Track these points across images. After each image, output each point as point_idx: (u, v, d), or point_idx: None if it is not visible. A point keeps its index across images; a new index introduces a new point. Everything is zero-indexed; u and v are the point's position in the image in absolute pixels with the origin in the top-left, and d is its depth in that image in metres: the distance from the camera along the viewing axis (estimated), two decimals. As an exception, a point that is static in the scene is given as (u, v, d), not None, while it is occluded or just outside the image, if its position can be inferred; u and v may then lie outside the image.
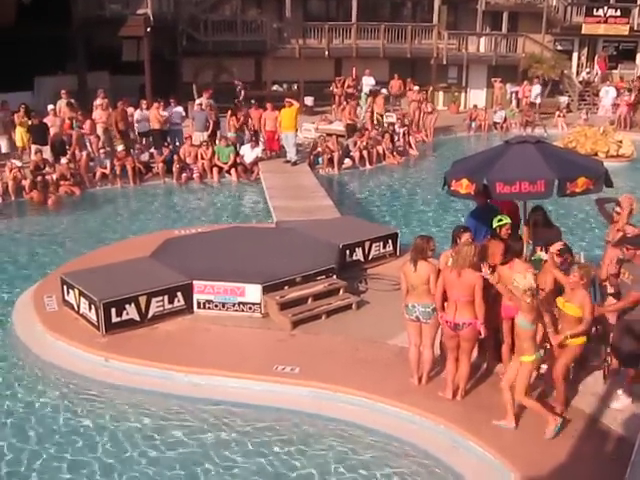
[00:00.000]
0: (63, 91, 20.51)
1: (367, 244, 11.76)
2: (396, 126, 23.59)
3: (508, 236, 8.13)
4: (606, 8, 34.16)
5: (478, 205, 9.22)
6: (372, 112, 24.43)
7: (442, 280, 7.54)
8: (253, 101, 22.19)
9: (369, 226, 13.25)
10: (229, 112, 21.04)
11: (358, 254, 11.68)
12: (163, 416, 8.12)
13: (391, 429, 7.69)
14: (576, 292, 7.26)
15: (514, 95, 30.69)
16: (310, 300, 10.08)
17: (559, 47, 34.65)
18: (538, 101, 29.56)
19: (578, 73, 35.21)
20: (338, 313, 10.05)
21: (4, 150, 18.66)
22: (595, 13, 34.07)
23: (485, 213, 9.05)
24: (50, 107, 19.68)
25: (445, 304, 7.60)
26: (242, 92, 22.21)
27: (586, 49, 35.93)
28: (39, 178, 16.90)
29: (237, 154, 19.38)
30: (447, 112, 30.35)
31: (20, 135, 18.75)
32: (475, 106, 28.76)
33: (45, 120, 18.83)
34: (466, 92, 32.55)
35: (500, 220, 8.24)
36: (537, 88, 29.85)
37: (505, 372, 7.54)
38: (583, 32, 34.33)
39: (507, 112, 28.25)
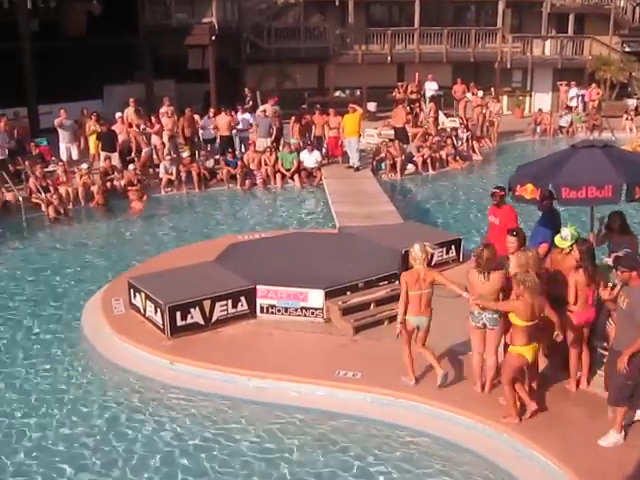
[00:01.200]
0: (131, 99, 20.97)
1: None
2: (459, 131, 23.39)
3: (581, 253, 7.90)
4: (677, 8, 33.23)
5: (544, 212, 9.10)
6: (435, 117, 24.27)
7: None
8: (318, 106, 22.29)
9: (432, 232, 13.17)
10: (292, 118, 21.21)
11: (421, 260, 11.59)
12: (225, 419, 8.23)
13: (453, 436, 7.65)
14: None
15: (580, 98, 30.06)
16: (372, 306, 10.09)
17: (627, 49, 33.75)
18: (574, 104, 28.95)
19: (648, 75, 34.28)
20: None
21: (75, 157, 19.14)
22: (666, 13, 33.16)
23: (553, 219, 8.94)
24: (118, 114, 20.13)
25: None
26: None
27: (656, 51, 34.95)
28: (107, 184, 17.34)
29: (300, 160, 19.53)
30: (511, 116, 29.94)
31: (93, 142, 19.20)
32: (540, 110, 28.27)
33: (113, 127, 19.27)
34: (531, 96, 32.02)
35: (565, 239, 8.01)
36: (573, 91, 29.27)
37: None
38: (653, 33, 33.44)
39: (573, 116, 27.72)
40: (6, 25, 22.76)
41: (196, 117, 21.08)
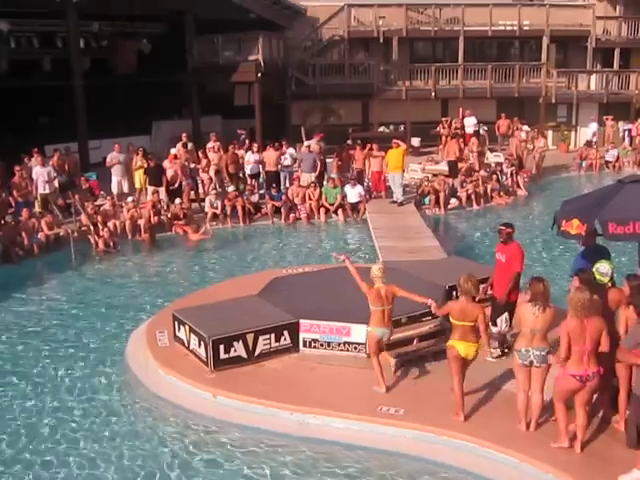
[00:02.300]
0: (184, 134, 21.37)
1: (474, 285, 11.59)
2: (504, 166, 23.29)
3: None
4: None
5: (587, 246, 8.99)
6: (479, 152, 24.20)
7: (567, 330, 7.27)
8: (358, 142, 22.46)
9: (476, 267, 13.04)
10: (335, 153, 21.39)
11: (465, 295, 11.51)
12: (268, 454, 8.20)
13: (497, 475, 7.52)
14: None
15: (627, 133, 29.77)
16: (415, 341, 10.02)
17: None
18: (594, 139, 28.67)
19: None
20: (444, 354, 9.92)
21: (126, 190, 19.53)
22: None
23: (595, 254, 8.81)
24: (173, 151, 20.46)
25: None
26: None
27: None
28: (155, 218, 17.63)
29: (343, 195, 19.62)
30: (557, 151, 29.72)
31: (138, 177, 19.59)
32: (586, 144, 28.04)
33: (164, 163, 19.60)
34: (576, 131, 31.76)
35: (606, 275, 7.92)
36: (593, 126, 29.02)
37: None
38: (702, 67, 32.98)
39: (620, 150, 27.41)
40: (59, 63, 23.59)
41: (240, 152, 21.36)
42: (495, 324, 9.75)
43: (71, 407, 9.37)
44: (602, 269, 7.90)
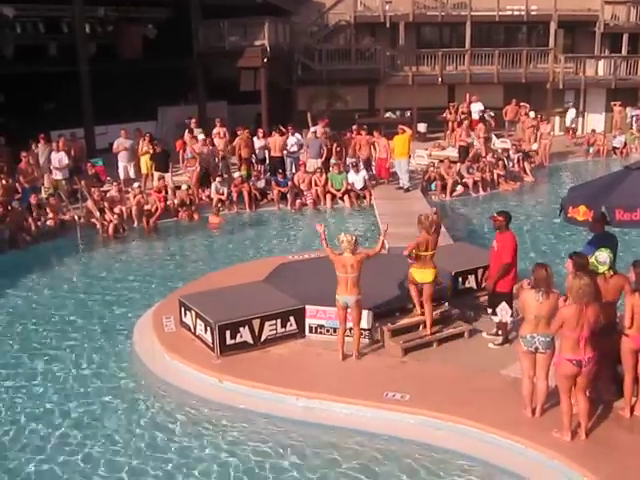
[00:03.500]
0: (193, 120, 21.30)
1: (480, 271, 11.59)
2: (511, 152, 23.21)
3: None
4: None
5: (596, 233, 8.96)
6: (486, 138, 24.10)
7: (562, 318, 7.28)
8: (364, 127, 22.37)
9: (482, 253, 13.00)
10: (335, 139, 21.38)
11: (471, 281, 11.53)
12: (274, 439, 8.23)
13: (502, 461, 7.54)
14: None
15: (635, 119, 29.59)
16: (421, 327, 10.04)
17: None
18: (573, 125, 28.67)
19: None
20: (450, 341, 9.96)
21: (132, 176, 19.53)
22: None
23: (604, 241, 8.78)
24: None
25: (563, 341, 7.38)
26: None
27: None
28: (161, 204, 17.63)
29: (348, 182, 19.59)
30: (564, 137, 29.60)
31: (145, 162, 19.60)
32: (593, 131, 27.92)
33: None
34: (584, 116, 31.59)
35: (604, 263, 7.91)
36: (572, 112, 28.89)
37: None
38: None
39: (627, 137, 27.27)
40: (65, 49, 23.54)
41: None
42: (495, 313, 9.71)
43: (76, 392, 9.42)
44: (601, 257, 7.88)
